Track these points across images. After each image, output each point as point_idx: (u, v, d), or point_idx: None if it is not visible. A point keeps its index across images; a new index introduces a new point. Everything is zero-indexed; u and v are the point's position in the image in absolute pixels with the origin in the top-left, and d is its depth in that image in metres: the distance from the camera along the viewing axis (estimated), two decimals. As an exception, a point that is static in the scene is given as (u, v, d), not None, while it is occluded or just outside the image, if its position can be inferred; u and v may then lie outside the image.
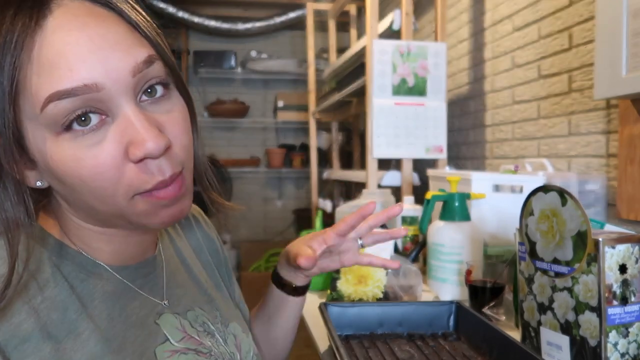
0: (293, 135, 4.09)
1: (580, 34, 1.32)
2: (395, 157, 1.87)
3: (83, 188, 0.45)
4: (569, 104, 1.38)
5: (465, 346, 0.91)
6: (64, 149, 0.43)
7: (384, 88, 1.81)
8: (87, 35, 0.42)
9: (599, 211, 1.21)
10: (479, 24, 1.90)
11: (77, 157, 0.43)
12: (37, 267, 0.47)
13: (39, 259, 0.48)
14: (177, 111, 0.49)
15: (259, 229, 4.05)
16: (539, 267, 0.82)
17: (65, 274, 0.49)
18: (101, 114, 0.44)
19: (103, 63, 0.43)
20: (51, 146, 0.44)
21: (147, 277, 0.57)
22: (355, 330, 0.97)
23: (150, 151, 0.44)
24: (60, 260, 0.49)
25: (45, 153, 0.44)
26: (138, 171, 0.45)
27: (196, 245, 0.72)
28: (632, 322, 0.73)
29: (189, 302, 0.61)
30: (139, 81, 0.45)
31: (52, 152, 0.44)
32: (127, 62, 0.44)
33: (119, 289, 0.53)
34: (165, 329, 0.55)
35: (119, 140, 0.44)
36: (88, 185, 0.44)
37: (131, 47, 0.45)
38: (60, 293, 0.47)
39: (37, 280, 0.46)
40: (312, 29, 3.14)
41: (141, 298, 0.55)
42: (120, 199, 0.46)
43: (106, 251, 0.53)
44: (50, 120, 0.42)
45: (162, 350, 0.53)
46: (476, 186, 1.27)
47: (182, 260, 0.66)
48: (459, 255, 1.17)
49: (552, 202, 0.78)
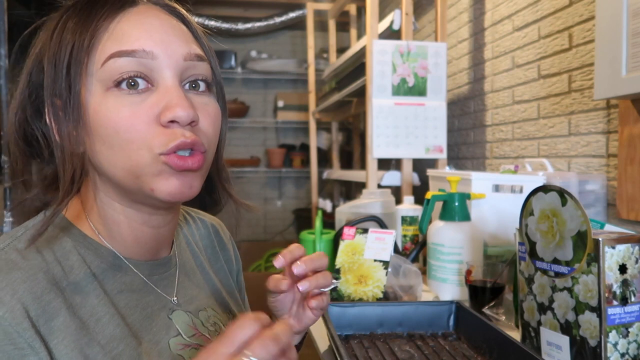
0: (293, 135, 4.09)
1: (580, 34, 1.32)
2: (395, 157, 1.87)
3: (115, 139, 0.50)
4: (569, 104, 1.38)
5: (465, 346, 0.91)
6: (109, 101, 0.50)
7: (384, 88, 1.81)
8: (158, 22, 0.53)
9: (599, 211, 1.21)
10: (479, 24, 1.90)
11: (118, 109, 0.50)
12: (63, 253, 0.51)
13: (64, 246, 0.52)
14: (212, 108, 0.56)
15: (259, 229, 4.05)
16: (539, 267, 0.82)
17: (88, 263, 0.53)
18: (148, 82, 0.51)
19: (164, 42, 0.52)
20: (99, 99, 0.50)
21: (162, 275, 0.60)
22: (355, 330, 0.97)
23: (179, 116, 0.50)
24: (83, 249, 0.53)
25: (92, 105, 0.50)
26: (165, 131, 0.51)
27: (212, 252, 0.74)
28: (632, 322, 0.73)
29: (202, 303, 0.64)
30: (188, 69, 0.53)
31: (98, 104, 0.50)
32: (183, 48, 0.53)
33: (136, 281, 0.56)
34: (177, 324, 0.58)
35: (155, 105, 0.51)
36: (120, 137, 0.49)
37: (189, 42, 0.54)
38: (84, 279, 0.51)
39: (63, 265, 0.50)
40: (312, 29, 3.14)
41: (155, 293, 0.58)
42: (144, 152, 0.50)
43: (127, 241, 0.56)
44: (106, 75, 0.50)
45: (175, 343, 0.56)
46: (476, 186, 1.27)
47: (198, 264, 0.68)
48: (459, 255, 1.17)
49: (552, 202, 0.78)
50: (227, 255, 0.77)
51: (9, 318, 0.44)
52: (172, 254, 0.63)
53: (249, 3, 3.74)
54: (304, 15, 3.41)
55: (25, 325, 0.44)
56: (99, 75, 0.50)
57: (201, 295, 0.65)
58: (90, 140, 0.51)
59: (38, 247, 0.50)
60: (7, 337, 0.43)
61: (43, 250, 0.50)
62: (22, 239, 0.50)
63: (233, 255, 0.78)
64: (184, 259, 0.66)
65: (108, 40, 0.50)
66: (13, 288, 0.46)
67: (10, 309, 0.44)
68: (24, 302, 0.45)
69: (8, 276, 0.46)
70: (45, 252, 0.50)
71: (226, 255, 0.76)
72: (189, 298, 0.62)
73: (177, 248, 0.65)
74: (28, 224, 0.53)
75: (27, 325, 0.45)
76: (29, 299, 0.46)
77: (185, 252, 0.67)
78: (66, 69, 0.50)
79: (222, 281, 0.72)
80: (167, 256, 0.62)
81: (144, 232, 0.57)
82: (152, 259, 0.59)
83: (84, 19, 0.51)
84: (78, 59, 0.50)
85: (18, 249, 0.49)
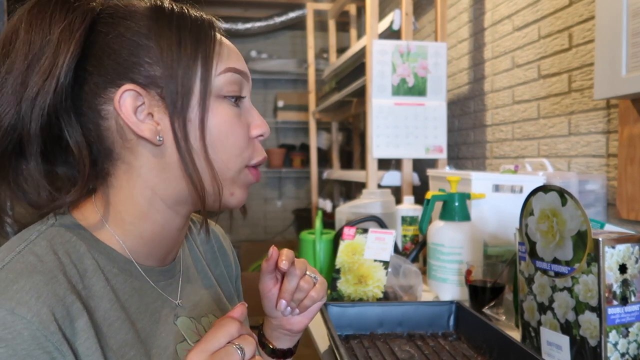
0: (293, 135, 4.09)
1: (580, 34, 1.32)
2: (395, 157, 1.87)
3: (221, 143, 0.55)
4: (569, 104, 1.38)
5: (465, 346, 0.91)
6: (221, 108, 0.55)
7: (383, 88, 1.81)
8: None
9: (599, 211, 1.21)
10: (479, 24, 1.90)
11: (230, 116, 0.56)
12: (78, 256, 0.51)
13: (79, 250, 0.51)
14: None
15: (259, 229, 4.05)
16: (539, 267, 0.82)
17: (101, 267, 0.52)
18: (239, 99, 0.58)
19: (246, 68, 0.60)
20: (213, 104, 0.55)
21: (168, 281, 0.60)
22: (355, 330, 0.97)
23: (266, 132, 0.60)
24: (97, 253, 0.53)
25: (207, 108, 0.55)
26: (252, 145, 0.58)
27: (212, 258, 0.74)
28: (632, 322, 0.73)
29: (203, 309, 0.64)
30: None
31: (212, 108, 0.55)
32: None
33: (145, 287, 0.56)
34: (182, 330, 0.58)
35: (245, 120, 0.58)
36: (228, 139, 0.55)
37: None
38: (97, 283, 0.51)
39: (78, 268, 0.50)
40: (312, 29, 3.14)
41: (162, 299, 0.58)
42: (239, 160, 0.57)
43: (147, 244, 0.57)
44: (221, 84, 0.55)
45: (182, 348, 0.56)
46: (476, 186, 1.27)
47: (199, 270, 0.69)
48: (459, 255, 1.17)
49: (552, 202, 0.78)
50: (227, 260, 0.77)
51: (36, 322, 0.43)
52: (177, 260, 0.64)
53: (249, 3, 3.74)
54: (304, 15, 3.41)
55: (53, 328, 0.44)
56: (216, 82, 0.54)
57: (203, 301, 0.65)
58: (195, 138, 0.54)
59: (54, 250, 0.49)
60: (35, 341, 0.43)
61: (59, 252, 0.49)
62: (38, 243, 0.49)
63: (233, 261, 0.78)
64: (187, 265, 0.66)
65: (223, 53, 0.56)
66: (37, 291, 0.45)
67: (36, 312, 0.43)
68: (50, 304, 0.45)
69: (31, 279, 0.45)
70: (61, 254, 0.49)
71: (226, 260, 0.77)
72: (192, 304, 0.62)
73: (181, 254, 0.66)
74: (41, 227, 0.52)
75: (55, 328, 0.44)
76: (53, 301, 0.45)
77: (188, 258, 0.68)
78: (184, 69, 0.52)
79: (222, 286, 0.72)
80: (172, 262, 0.62)
81: (170, 234, 0.58)
82: (160, 265, 0.60)
83: (198, 29, 0.55)
84: (209, 63, 0.54)
85: (35, 252, 0.48)
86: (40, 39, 0.49)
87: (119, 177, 0.55)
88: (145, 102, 0.52)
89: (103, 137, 0.53)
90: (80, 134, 0.53)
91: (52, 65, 0.48)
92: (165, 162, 0.54)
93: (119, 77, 0.52)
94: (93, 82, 0.52)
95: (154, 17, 0.53)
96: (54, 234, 0.51)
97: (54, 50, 0.49)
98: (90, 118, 0.53)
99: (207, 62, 0.54)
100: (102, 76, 0.52)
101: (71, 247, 0.51)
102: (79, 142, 0.52)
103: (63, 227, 0.52)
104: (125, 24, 0.52)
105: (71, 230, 0.52)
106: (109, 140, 0.54)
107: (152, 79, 0.52)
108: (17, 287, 0.44)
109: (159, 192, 0.55)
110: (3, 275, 0.45)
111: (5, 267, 0.46)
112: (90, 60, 0.52)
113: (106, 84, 0.52)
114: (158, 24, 0.52)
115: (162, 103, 0.52)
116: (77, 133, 0.53)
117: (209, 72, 0.54)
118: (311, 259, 1.37)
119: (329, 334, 0.87)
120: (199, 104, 0.53)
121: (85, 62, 0.51)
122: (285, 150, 3.95)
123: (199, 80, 0.53)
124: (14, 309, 0.43)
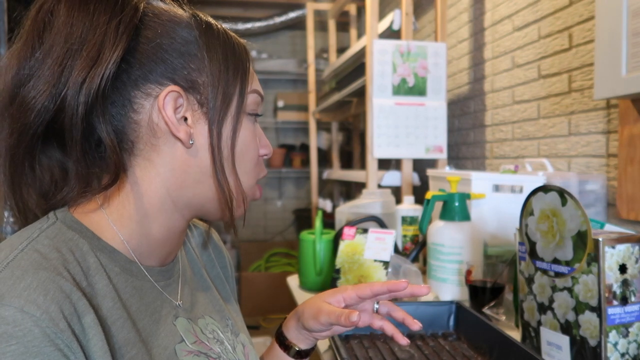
0: (293, 135, 4.09)
1: (580, 34, 1.32)
2: (395, 157, 1.87)
3: (243, 156, 0.59)
4: (569, 104, 1.38)
5: (465, 346, 0.91)
6: (247, 124, 0.60)
7: (384, 88, 1.81)
8: None
9: (599, 211, 1.21)
10: (479, 24, 1.90)
11: (252, 132, 0.61)
12: (81, 254, 0.51)
13: (82, 248, 0.51)
14: None
15: (259, 229, 4.05)
16: (539, 267, 0.82)
17: (104, 265, 0.52)
18: (256, 118, 0.63)
19: None
20: (243, 118, 0.59)
21: (167, 281, 0.61)
22: (355, 330, 0.97)
23: (270, 153, 0.66)
24: (99, 252, 0.53)
25: (240, 121, 0.59)
26: (260, 163, 0.64)
27: (207, 259, 0.74)
28: (632, 322, 0.73)
29: (200, 311, 0.64)
30: None
31: (242, 122, 0.59)
32: None
33: (146, 286, 0.57)
34: (180, 331, 0.58)
35: (257, 137, 0.63)
36: (249, 153, 0.60)
37: None
38: (100, 281, 0.51)
39: (82, 266, 0.50)
40: (312, 29, 3.14)
41: (162, 298, 0.58)
42: (253, 174, 0.62)
43: (151, 244, 0.57)
44: (249, 102, 0.59)
45: (180, 349, 0.57)
46: (476, 186, 1.27)
47: (196, 271, 0.69)
48: (459, 255, 1.17)
49: (552, 202, 0.78)
50: (223, 261, 0.77)
51: (46, 319, 0.43)
52: (176, 261, 0.64)
53: (249, 3, 3.74)
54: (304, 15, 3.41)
55: (62, 326, 0.43)
56: (246, 100, 0.59)
57: (199, 302, 0.65)
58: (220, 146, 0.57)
59: (57, 247, 0.49)
60: (46, 338, 0.42)
61: (62, 250, 0.49)
62: (40, 241, 0.49)
63: (228, 262, 0.79)
64: (184, 266, 0.67)
65: (251, 75, 0.60)
66: (44, 288, 0.44)
67: (45, 309, 0.43)
68: (58, 301, 0.44)
69: (37, 276, 0.45)
70: (64, 252, 0.49)
71: (222, 261, 0.77)
72: (189, 305, 0.63)
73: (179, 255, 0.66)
74: (42, 225, 0.51)
75: (64, 325, 0.44)
76: (60, 298, 0.45)
77: (184, 259, 0.68)
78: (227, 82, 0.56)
79: (218, 287, 0.73)
80: (171, 263, 0.63)
81: (174, 236, 0.59)
82: (160, 265, 0.60)
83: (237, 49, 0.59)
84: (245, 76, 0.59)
85: (38, 250, 0.48)
86: (81, 24, 0.49)
87: (134, 173, 0.54)
88: (183, 105, 0.54)
89: (129, 129, 0.53)
90: (110, 123, 0.52)
91: (99, 53, 0.48)
92: (189, 164, 0.55)
93: (163, 76, 0.52)
94: (133, 74, 0.52)
95: (202, 29, 0.56)
96: (56, 232, 0.51)
97: (102, 39, 0.49)
98: (119, 108, 0.52)
99: (244, 79, 0.58)
100: (145, 71, 0.52)
101: (74, 245, 0.51)
102: (108, 131, 0.52)
103: (64, 225, 0.52)
104: (173, 27, 0.54)
105: (73, 229, 0.52)
106: (134, 134, 0.53)
107: (194, 85, 0.54)
108: (24, 284, 0.44)
109: (173, 193, 0.56)
110: (8, 272, 0.45)
111: (10, 264, 0.46)
112: (133, 53, 0.51)
113: (147, 80, 0.52)
114: (207, 36, 0.56)
115: (198, 108, 0.55)
116: (108, 122, 0.52)
117: (245, 89, 0.58)
118: (311, 259, 1.37)
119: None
120: (233, 116, 0.57)
121: (127, 53, 0.51)
122: (285, 150, 3.95)
123: (237, 94, 0.57)
124: (23, 307, 0.42)
